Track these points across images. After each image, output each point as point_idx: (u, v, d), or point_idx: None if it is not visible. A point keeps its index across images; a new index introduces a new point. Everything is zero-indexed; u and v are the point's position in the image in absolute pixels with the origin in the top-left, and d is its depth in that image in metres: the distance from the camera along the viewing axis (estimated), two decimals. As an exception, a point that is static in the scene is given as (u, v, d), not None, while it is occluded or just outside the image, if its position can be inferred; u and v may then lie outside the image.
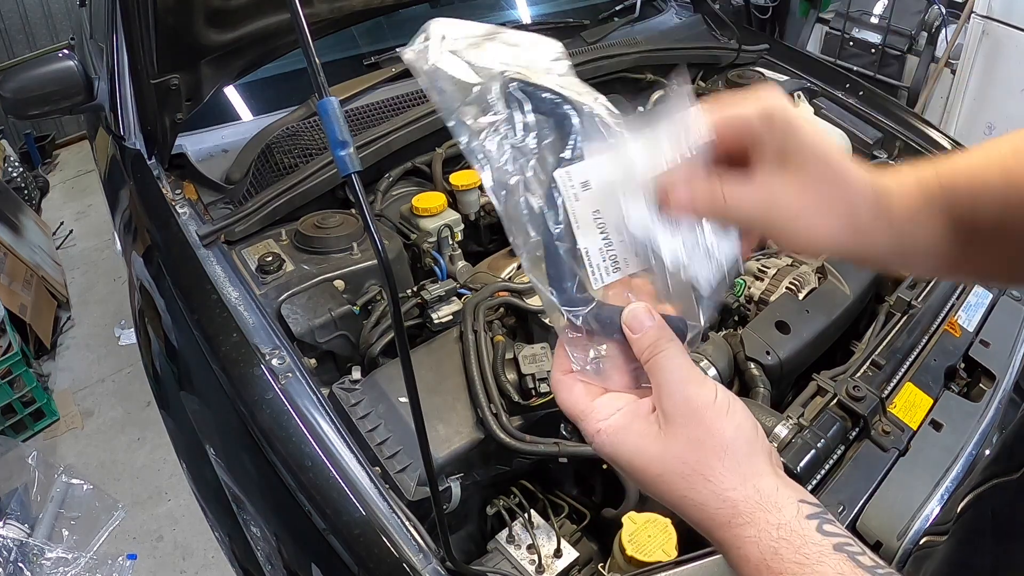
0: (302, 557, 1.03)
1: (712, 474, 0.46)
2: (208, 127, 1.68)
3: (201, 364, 1.17)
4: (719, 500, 0.46)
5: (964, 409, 1.18)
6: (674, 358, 0.48)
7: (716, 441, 0.46)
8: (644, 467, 0.48)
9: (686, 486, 0.46)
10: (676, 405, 0.47)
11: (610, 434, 0.49)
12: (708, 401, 0.47)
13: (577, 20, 2.23)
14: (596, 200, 0.48)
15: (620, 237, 0.49)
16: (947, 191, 0.51)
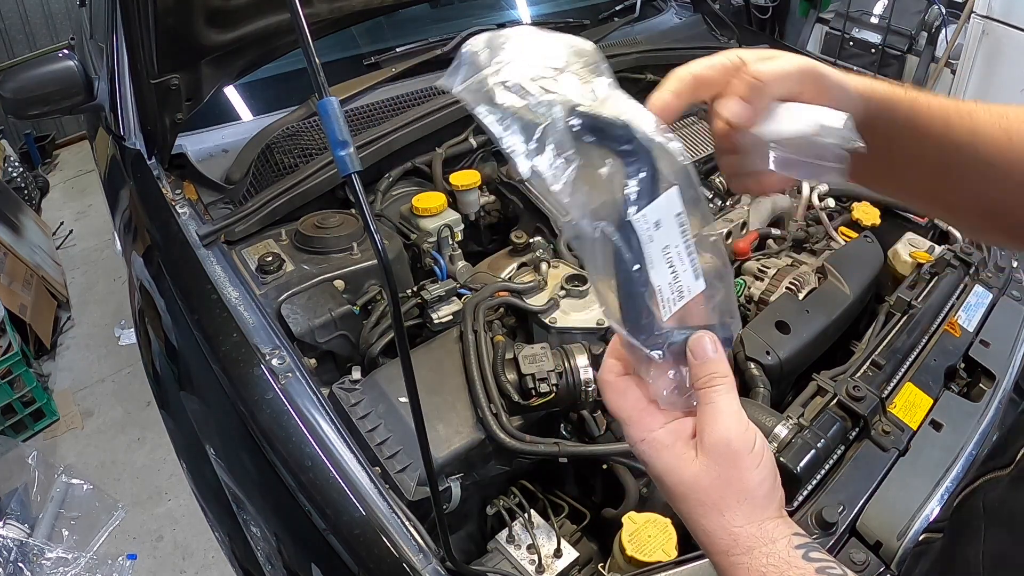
0: (302, 557, 1.03)
1: (727, 512, 0.50)
2: (208, 127, 1.68)
3: (201, 364, 1.17)
4: (724, 533, 0.50)
5: (964, 409, 1.18)
6: (726, 394, 0.51)
7: (741, 487, 0.50)
8: (672, 485, 0.52)
9: (702, 513, 0.51)
10: (716, 443, 0.50)
11: (652, 446, 0.53)
12: (746, 448, 0.50)
13: (577, 20, 2.23)
14: (666, 236, 0.49)
15: (683, 266, 0.51)
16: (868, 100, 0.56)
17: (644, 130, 0.47)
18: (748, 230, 1.57)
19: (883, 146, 0.56)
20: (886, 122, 0.56)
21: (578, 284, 1.28)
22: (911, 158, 0.58)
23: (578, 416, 1.22)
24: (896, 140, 0.57)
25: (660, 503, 1.12)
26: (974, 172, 0.57)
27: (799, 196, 1.68)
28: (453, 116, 1.65)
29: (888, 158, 0.58)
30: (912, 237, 1.59)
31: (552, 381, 1.08)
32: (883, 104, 0.56)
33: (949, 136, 0.56)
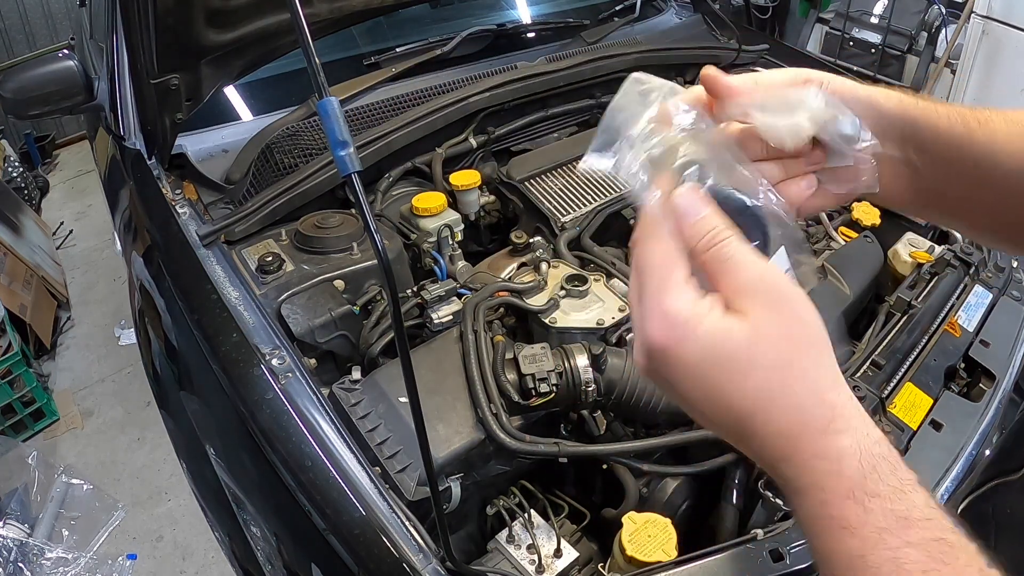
0: (302, 557, 1.03)
1: (809, 368, 0.40)
2: (208, 127, 1.68)
3: (201, 364, 1.17)
4: (817, 400, 0.40)
5: (964, 409, 1.18)
6: (739, 244, 0.42)
7: (808, 333, 0.41)
8: (731, 357, 0.40)
9: (781, 382, 0.40)
10: (759, 289, 0.41)
11: (690, 319, 0.41)
12: (792, 287, 0.41)
13: (577, 20, 2.22)
14: None
15: None
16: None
17: (756, 197, 0.48)
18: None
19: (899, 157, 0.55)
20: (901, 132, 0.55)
21: (578, 284, 1.28)
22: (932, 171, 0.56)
23: (578, 416, 1.22)
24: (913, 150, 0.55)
25: (660, 503, 1.12)
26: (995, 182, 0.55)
27: (799, 196, 1.67)
28: (453, 116, 1.65)
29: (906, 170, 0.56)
30: (912, 237, 1.59)
31: (552, 381, 1.08)
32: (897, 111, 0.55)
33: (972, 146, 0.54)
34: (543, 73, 1.78)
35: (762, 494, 1.04)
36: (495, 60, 1.98)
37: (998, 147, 0.52)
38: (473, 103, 1.67)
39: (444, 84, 1.81)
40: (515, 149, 1.83)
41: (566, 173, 1.63)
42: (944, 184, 0.55)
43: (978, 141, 0.52)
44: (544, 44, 2.13)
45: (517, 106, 1.78)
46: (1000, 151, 0.52)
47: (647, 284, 0.43)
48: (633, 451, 1.11)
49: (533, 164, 1.61)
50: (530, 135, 1.86)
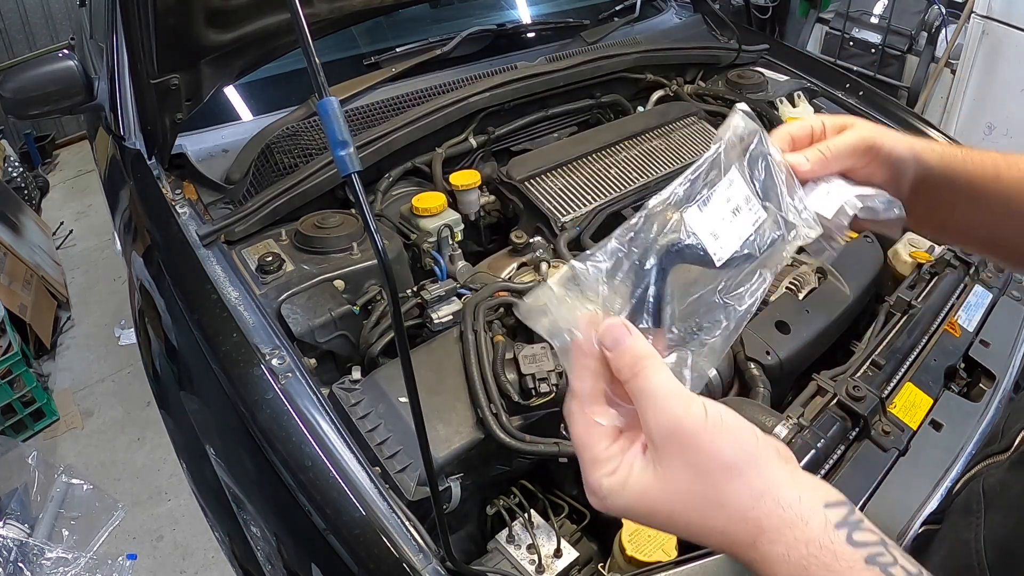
0: (302, 557, 1.03)
1: (725, 499, 0.43)
2: (208, 127, 1.68)
3: (201, 364, 1.17)
4: (739, 523, 0.43)
5: (964, 409, 1.18)
6: (656, 375, 0.45)
7: (718, 463, 0.43)
8: (652, 512, 0.45)
9: (700, 518, 0.44)
10: (666, 436, 0.44)
11: (609, 492, 0.46)
12: (700, 422, 0.44)
13: (577, 20, 2.23)
14: None
15: None
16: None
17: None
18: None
19: (940, 200, 0.63)
20: (942, 180, 0.62)
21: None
22: (968, 210, 0.64)
23: (578, 416, 1.22)
24: (952, 195, 0.63)
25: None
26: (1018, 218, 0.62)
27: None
28: (453, 116, 1.65)
29: (946, 211, 0.64)
30: (912, 237, 1.59)
31: (552, 381, 1.08)
32: (939, 165, 0.62)
33: (999, 187, 0.62)
34: (543, 73, 1.78)
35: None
36: (495, 60, 1.99)
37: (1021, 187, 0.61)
38: (473, 103, 1.67)
39: (444, 84, 1.81)
40: (515, 149, 1.83)
41: (566, 173, 1.63)
42: (976, 219, 0.63)
43: (1004, 180, 0.61)
44: (544, 44, 2.13)
45: (517, 106, 1.78)
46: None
47: (579, 455, 0.48)
48: (633, 451, 1.10)
49: (533, 164, 1.61)
50: (530, 135, 1.86)
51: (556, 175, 1.62)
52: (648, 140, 1.78)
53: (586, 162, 1.66)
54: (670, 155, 1.75)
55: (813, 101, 2.06)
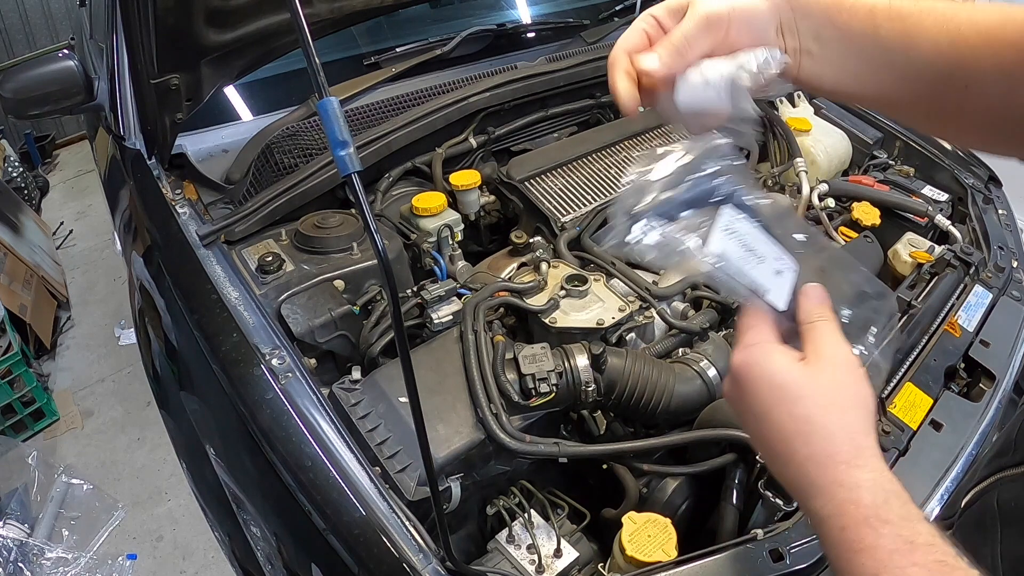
0: (302, 557, 1.03)
1: (847, 413, 0.49)
2: (208, 127, 1.68)
3: (201, 364, 1.17)
4: (847, 436, 0.48)
5: (964, 409, 1.18)
6: (837, 331, 0.54)
7: (856, 392, 0.51)
8: (788, 383, 0.51)
9: (821, 414, 0.49)
10: (831, 354, 0.52)
11: (766, 347, 0.53)
12: (856, 364, 0.52)
13: (577, 20, 2.23)
14: None
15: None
16: None
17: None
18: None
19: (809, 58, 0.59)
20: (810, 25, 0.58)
21: (578, 284, 1.28)
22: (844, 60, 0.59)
23: (578, 416, 1.22)
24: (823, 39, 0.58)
25: (660, 503, 1.12)
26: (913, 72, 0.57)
27: (799, 196, 1.68)
28: (453, 116, 1.65)
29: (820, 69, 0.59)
30: (912, 237, 1.59)
31: (552, 381, 1.08)
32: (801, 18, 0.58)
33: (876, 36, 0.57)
34: (543, 73, 1.78)
35: (762, 494, 1.03)
36: (495, 60, 1.99)
37: (912, 42, 0.55)
38: (473, 103, 1.67)
39: (444, 84, 1.81)
40: (515, 149, 1.83)
41: (566, 173, 1.63)
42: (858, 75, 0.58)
43: (886, 34, 0.56)
44: (544, 44, 2.13)
45: (517, 106, 1.78)
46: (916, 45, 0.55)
47: (748, 323, 0.56)
48: (633, 451, 1.11)
49: (533, 164, 1.61)
50: (530, 135, 1.86)
51: (556, 175, 1.62)
52: (648, 140, 1.78)
53: (586, 162, 1.67)
54: (670, 155, 1.75)
55: (813, 101, 2.06)
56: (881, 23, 0.56)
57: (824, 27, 0.57)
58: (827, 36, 0.58)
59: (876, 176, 1.77)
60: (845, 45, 0.58)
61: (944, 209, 1.69)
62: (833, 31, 0.57)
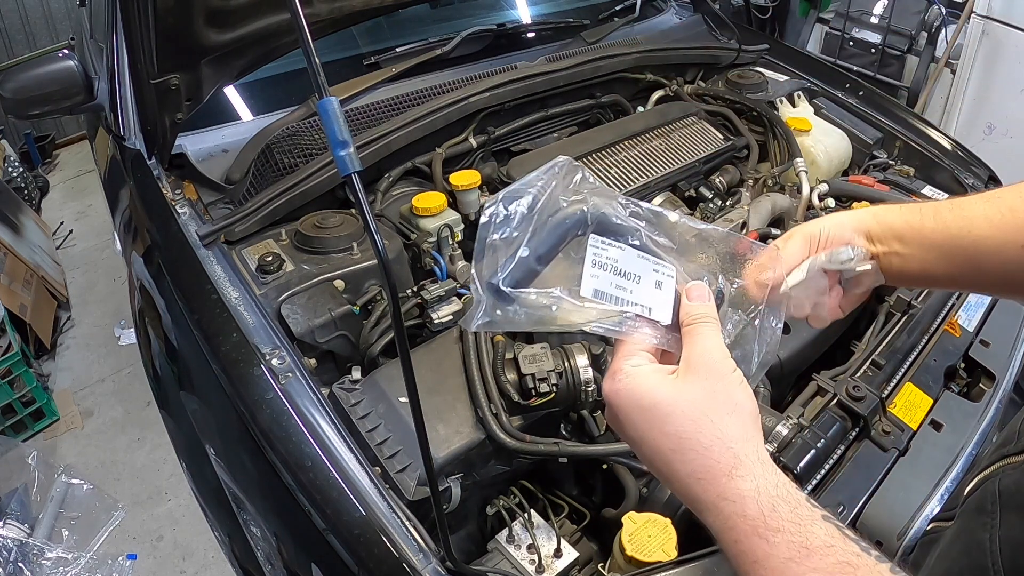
0: (302, 557, 1.03)
1: (720, 422, 0.49)
2: (208, 127, 1.68)
3: (201, 364, 1.17)
4: (723, 447, 0.48)
5: (964, 409, 1.18)
6: (713, 332, 0.55)
7: (728, 398, 0.50)
8: (657, 402, 0.51)
9: (694, 428, 0.49)
10: (701, 361, 0.52)
11: (632, 371, 0.53)
12: (729, 368, 0.52)
13: (577, 20, 2.23)
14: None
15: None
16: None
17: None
18: (748, 230, 1.57)
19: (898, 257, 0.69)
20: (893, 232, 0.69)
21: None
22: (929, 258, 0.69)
23: (578, 416, 1.22)
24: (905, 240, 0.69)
25: (660, 503, 1.12)
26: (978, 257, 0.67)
27: (799, 196, 1.68)
28: (453, 116, 1.65)
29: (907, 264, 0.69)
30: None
31: (552, 381, 1.08)
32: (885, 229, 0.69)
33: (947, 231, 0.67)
34: (543, 73, 1.78)
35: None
36: (495, 60, 1.99)
37: (975, 228, 0.66)
38: (473, 103, 1.67)
39: (444, 84, 1.81)
40: (515, 149, 1.83)
41: (566, 173, 1.62)
42: (941, 266, 0.68)
43: (952, 227, 0.66)
44: (544, 44, 2.13)
45: (517, 106, 1.78)
46: (976, 231, 0.65)
47: (617, 348, 0.56)
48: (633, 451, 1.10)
49: (533, 164, 1.61)
50: (530, 135, 1.86)
51: (556, 175, 1.61)
52: (648, 140, 1.78)
53: (586, 162, 1.66)
54: (670, 155, 1.75)
55: (813, 101, 2.06)
56: (945, 216, 0.67)
57: (904, 231, 0.68)
58: (908, 238, 0.68)
59: (876, 176, 1.76)
60: (923, 242, 0.68)
61: (944, 209, 1.68)
62: (912, 233, 0.68)
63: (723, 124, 1.94)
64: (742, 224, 1.56)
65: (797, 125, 1.86)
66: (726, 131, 1.90)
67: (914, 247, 0.68)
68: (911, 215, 0.69)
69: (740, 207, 1.64)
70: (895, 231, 0.69)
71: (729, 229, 1.37)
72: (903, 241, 0.69)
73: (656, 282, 0.57)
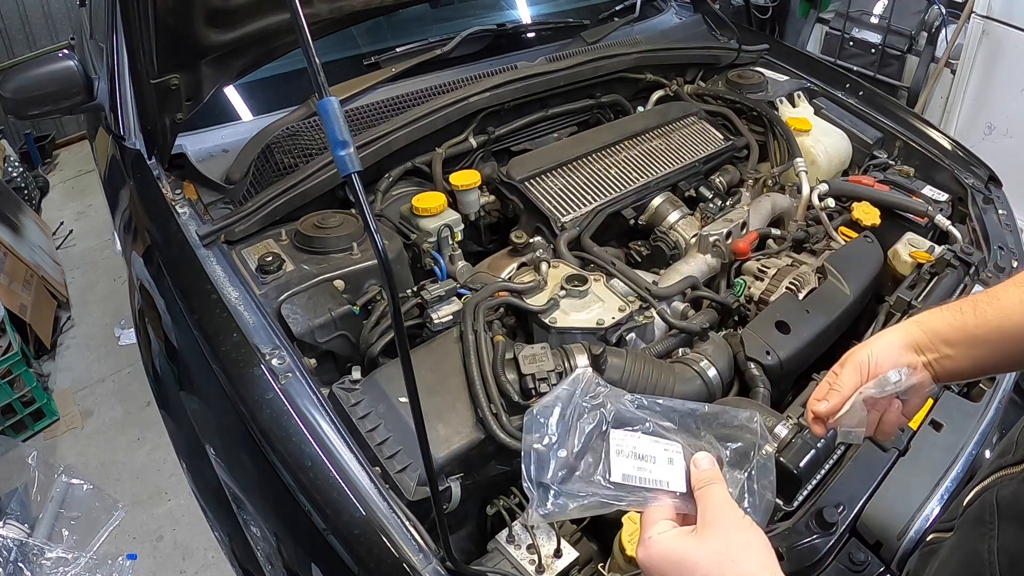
0: (302, 557, 1.03)
1: (740, 560, 0.59)
2: (208, 127, 1.68)
3: (201, 364, 1.17)
4: None
5: (964, 409, 1.18)
6: (721, 490, 0.65)
7: (742, 540, 0.60)
8: (683, 557, 0.60)
9: (719, 571, 0.58)
10: (715, 515, 0.62)
11: (656, 540, 0.63)
12: (739, 516, 0.62)
13: (577, 20, 2.23)
14: None
15: None
16: None
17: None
18: (748, 230, 1.57)
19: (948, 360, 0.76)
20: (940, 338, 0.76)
21: (578, 284, 1.28)
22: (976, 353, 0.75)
23: (578, 416, 1.21)
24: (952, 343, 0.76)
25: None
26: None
27: (799, 196, 1.68)
28: (453, 116, 1.65)
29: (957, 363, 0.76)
30: (912, 237, 1.59)
31: (552, 381, 1.08)
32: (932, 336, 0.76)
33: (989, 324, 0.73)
34: (543, 73, 1.78)
35: (762, 494, 1.03)
36: (495, 60, 1.99)
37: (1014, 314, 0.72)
38: (473, 103, 1.67)
39: (444, 84, 1.81)
40: (515, 149, 1.83)
41: (566, 173, 1.63)
42: (989, 357, 0.75)
43: (993, 320, 0.73)
44: (544, 44, 2.13)
45: (517, 106, 1.79)
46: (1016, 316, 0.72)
47: (643, 520, 0.66)
48: (633, 451, 1.10)
49: (533, 164, 1.61)
50: (530, 135, 1.86)
51: (556, 175, 1.62)
52: (648, 140, 1.78)
53: (586, 162, 1.67)
54: (670, 155, 1.75)
55: (813, 101, 2.06)
56: (984, 310, 0.74)
57: (950, 334, 0.75)
58: (955, 340, 0.75)
59: (876, 176, 1.76)
60: (968, 339, 0.74)
61: (944, 209, 1.68)
62: (957, 334, 0.74)
63: (723, 124, 1.94)
64: (742, 224, 1.56)
65: (797, 125, 1.86)
66: (726, 131, 1.90)
67: (962, 347, 0.75)
68: (953, 317, 0.75)
69: (740, 207, 1.64)
70: (942, 336, 0.75)
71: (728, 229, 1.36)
72: (950, 344, 0.75)
73: (668, 459, 0.70)
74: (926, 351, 0.76)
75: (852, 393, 0.75)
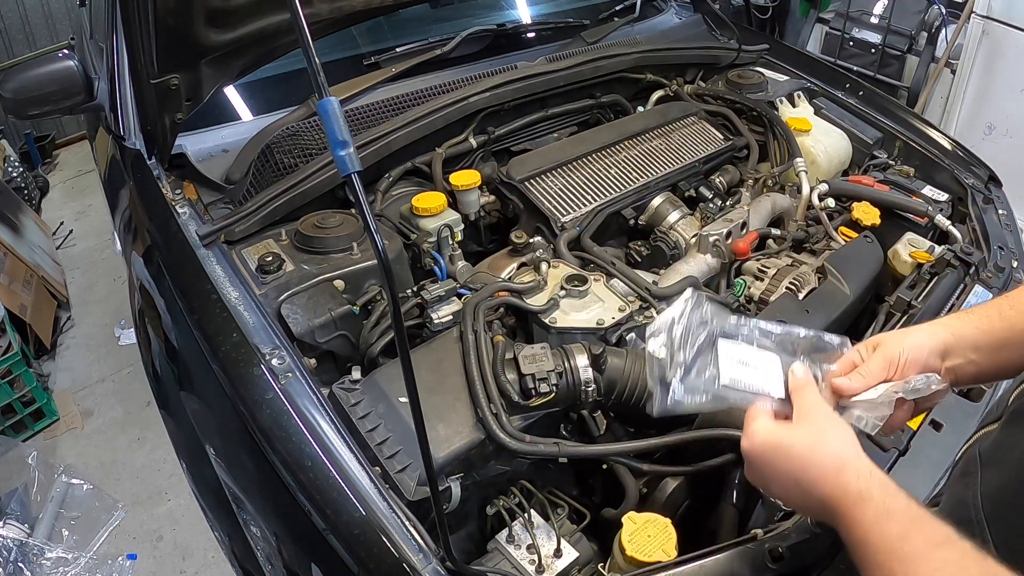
0: (302, 557, 1.03)
1: (829, 442, 0.68)
2: (208, 127, 1.68)
3: (201, 364, 1.17)
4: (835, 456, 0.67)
5: (964, 409, 1.18)
6: (814, 392, 0.75)
7: (832, 426, 0.70)
8: (781, 442, 0.70)
9: (811, 451, 0.68)
10: (808, 410, 0.72)
11: (758, 431, 0.73)
12: (829, 411, 0.72)
13: (577, 20, 2.23)
14: None
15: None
16: None
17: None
18: (748, 230, 1.57)
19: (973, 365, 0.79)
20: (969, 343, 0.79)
21: (578, 284, 1.28)
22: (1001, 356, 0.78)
23: (578, 416, 1.22)
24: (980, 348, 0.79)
25: (660, 503, 1.12)
26: None
27: (799, 196, 1.68)
28: (453, 116, 1.65)
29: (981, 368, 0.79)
30: (912, 237, 1.59)
31: (552, 381, 1.08)
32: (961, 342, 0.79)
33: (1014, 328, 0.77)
34: (543, 73, 1.78)
35: (762, 494, 1.03)
36: (495, 60, 1.99)
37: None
38: (473, 103, 1.67)
39: (444, 84, 1.81)
40: (515, 149, 1.83)
41: (566, 173, 1.63)
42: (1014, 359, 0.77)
43: (1017, 323, 0.77)
44: (544, 44, 2.13)
45: (517, 106, 1.79)
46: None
47: (748, 415, 0.76)
48: (633, 451, 1.11)
49: (533, 164, 1.61)
50: (530, 135, 1.86)
51: (556, 175, 1.62)
52: (648, 140, 1.78)
53: (586, 162, 1.67)
54: (670, 155, 1.75)
55: (813, 101, 2.06)
56: (1008, 314, 0.77)
57: (979, 339, 0.78)
58: (983, 344, 0.78)
59: (876, 176, 1.76)
60: (994, 343, 0.77)
61: (944, 209, 1.68)
62: (985, 338, 0.78)
63: (723, 124, 1.94)
64: (742, 224, 1.56)
65: (797, 125, 1.86)
66: (726, 131, 1.90)
67: (988, 351, 0.78)
68: (981, 321, 0.79)
69: (740, 207, 1.64)
70: (971, 342, 0.78)
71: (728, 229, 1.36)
72: (978, 349, 0.78)
73: (769, 368, 0.79)
74: (952, 356, 0.79)
75: (876, 383, 0.78)
